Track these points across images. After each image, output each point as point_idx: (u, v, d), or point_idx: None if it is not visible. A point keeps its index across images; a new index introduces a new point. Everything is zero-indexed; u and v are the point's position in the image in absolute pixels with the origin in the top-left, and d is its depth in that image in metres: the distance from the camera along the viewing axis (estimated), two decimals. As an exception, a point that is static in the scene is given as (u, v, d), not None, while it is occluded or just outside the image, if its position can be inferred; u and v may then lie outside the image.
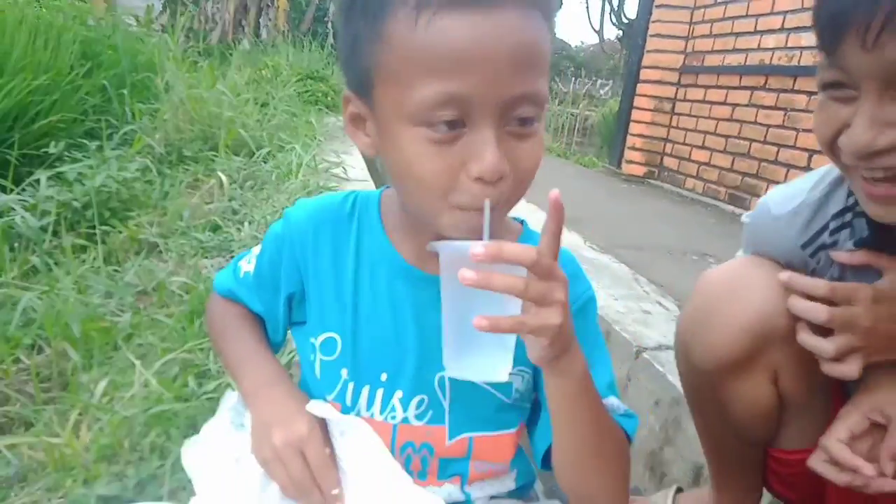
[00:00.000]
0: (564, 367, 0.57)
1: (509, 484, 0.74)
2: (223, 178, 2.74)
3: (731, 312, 0.84)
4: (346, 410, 0.68)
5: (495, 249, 0.48)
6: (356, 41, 0.58)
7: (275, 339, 0.78)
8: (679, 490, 1.16)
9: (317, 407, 0.66)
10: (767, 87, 4.13)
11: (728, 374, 0.87)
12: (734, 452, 0.98)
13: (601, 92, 12.45)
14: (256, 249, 0.78)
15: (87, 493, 1.01)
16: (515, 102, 0.54)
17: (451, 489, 0.69)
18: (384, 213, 0.70)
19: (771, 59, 4.16)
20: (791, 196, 0.87)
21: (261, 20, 9.51)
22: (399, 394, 0.67)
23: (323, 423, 0.67)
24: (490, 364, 0.56)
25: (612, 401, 0.69)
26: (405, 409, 0.67)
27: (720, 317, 0.85)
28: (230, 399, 0.74)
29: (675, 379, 1.47)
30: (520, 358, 0.66)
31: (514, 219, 0.74)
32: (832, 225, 0.81)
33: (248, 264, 0.77)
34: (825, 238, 0.83)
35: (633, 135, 5.29)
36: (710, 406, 0.95)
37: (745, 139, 4.30)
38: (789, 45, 4.02)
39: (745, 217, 0.99)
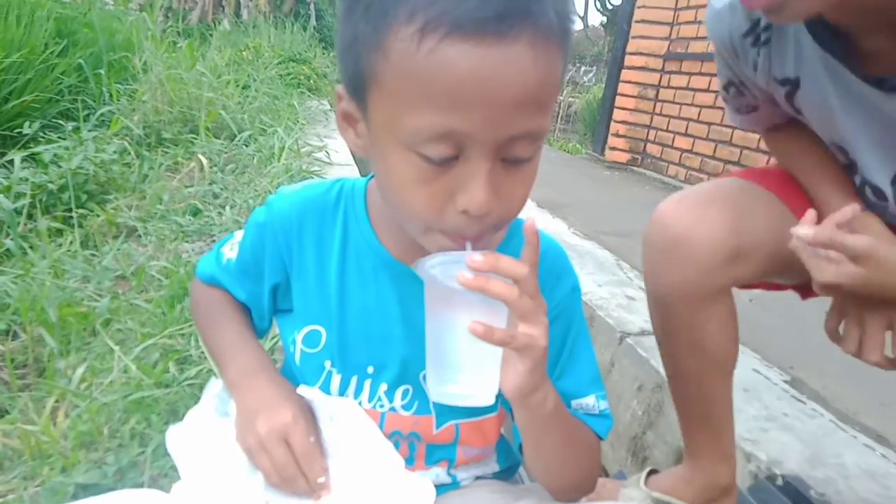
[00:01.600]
0: (536, 403, 0.57)
1: (493, 466, 0.75)
2: (203, 161, 2.69)
3: (690, 253, 0.89)
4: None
5: (493, 260, 0.50)
6: (355, 40, 0.53)
7: (260, 325, 0.77)
8: (652, 472, 1.17)
9: (307, 391, 0.65)
10: (750, 74, 4.15)
11: (697, 303, 0.92)
12: (706, 397, 1.00)
13: (585, 78, 12.46)
14: (238, 235, 0.75)
15: (64, 481, 0.99)
16: (514, 140, 0.51)
17: (439, 472, 0.70)
18: (370, 205, 0.68)
19: (754, 46, 4.18)
20: None
21: (241, 0, 9.34)
22: (384, 386, 0.67)
23: (309, 410, 0.66)
24: (475, 387, 0.55)
25: (588, 401, 0.69)
26: (391, 400, 0.67)
27: (682, 257, 0.90)
28: (214, 386, 0.72)
29: (657, 364, 1.49)
30: None
31: None
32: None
33: (230, 251, 0.75)
34: (760, 27, 0.85)
35: (617, 122, 5.30)
36: (680, 336, 0.98)
37: (727, 126, 4.32)
38: (772, 32, 4.04)
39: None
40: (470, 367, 0.54)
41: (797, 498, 1.06)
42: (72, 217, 2.03)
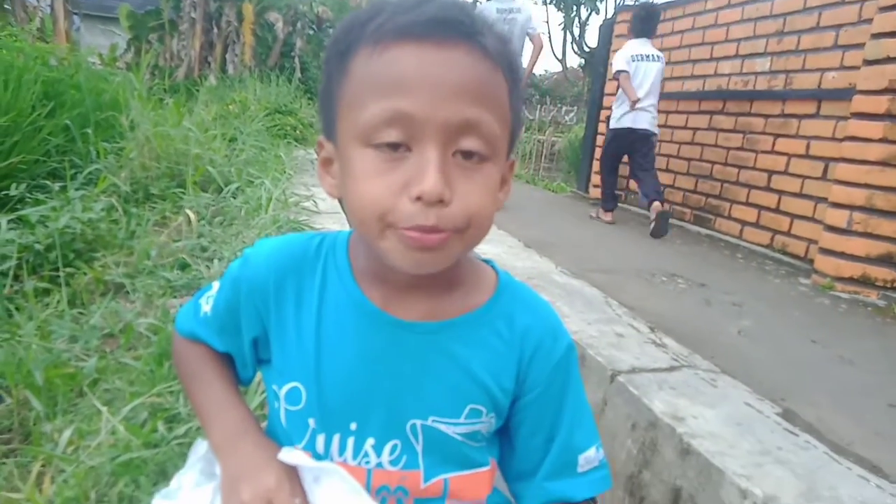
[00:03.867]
0: None
1: None
2: (191, 215, 2.71)
3: None
4: (317, 458, 0.66)
5: None
6: (328, 83, 0.61)
7: (244, 374, 0.75)
8: None
9: (289, 455, 0.64)
10: (725, 111, 4.27)
11: None
12: None
13: (566, 118, 12.70)
14: (215, 287, 0.74)
15: (51, 550, 0.97)
16: (459, 129, 0.55)
17: None
18: (353, 257, 0.68)
19: (728, 83, 4.31)
20: None
21: (227, 56, 9.52)
22: (371, 441, 0.65)
23: (294, 474, 0.65)
24: None
25: (591, 453, 0.70)
26: (378, 455, 0.65)
27: None
28: (200, 448, 0.71)
29: (650, 401, 1.49)
30: (486, 405, 0.66)
31: (484, 260, 0.73)
32: None
33: (206, 305, 0.74)
34: None
35: (599, 160, 5.40)
36: None
37: (707, 161, 4.42)
38: (744, 70, 4.17)
39: None
40: None
41: (795, 533, 1.05)
42: (59, 276, 2.03)
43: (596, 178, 5.43)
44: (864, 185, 2.87)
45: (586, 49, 11.18)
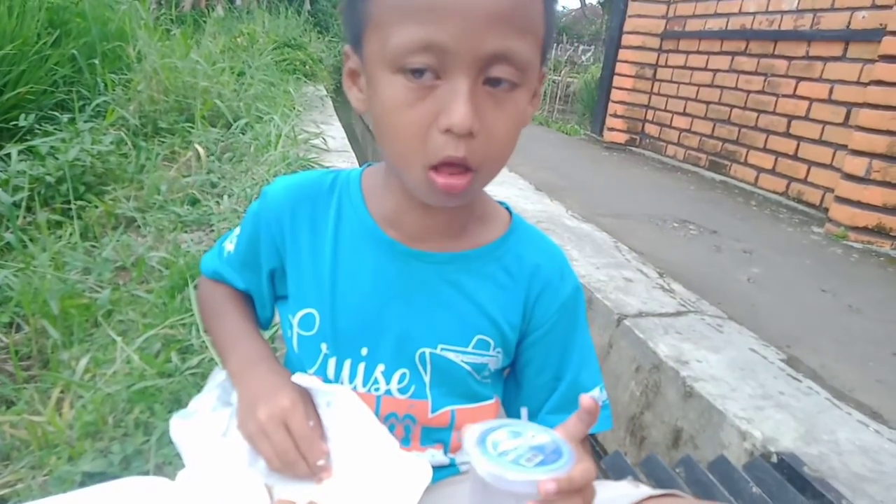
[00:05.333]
0: None
1: None
2: (200, 150, 2.69)
3: None
4: (329, 383, 0.69)
5: (566, 485, 0.47)
6: None
7: (263, 314, 0.79)
8: None
9: (301, 378, 0.66)
10: (748, 52, 4.13)
11: None
12: None
13: (583, 58, 12.34)
14: (238, 229, 0.78)
15: (71, 470, 1.01)
16: (491, 59, 0.53)
17: (434, 453, 0.70)
18: (366, 190, 0.70)
19: (752, 23, 4.15)
20: None
21: (235, -14, 9.22)
22: (381, 367, 0.68)
23: (308, 397, 0.67)
24: None
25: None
26: (388, 382, 0.68)
27: None
28: (218, 376, 0.74)
29: (655, 345, 1.50)
30: (494, 338, 0.68)
31: (499, 202, 0.74)
32: None
33: (230, 244, 0.77)
34: None
35: (615, 102, 5.28)
36: None
37: (725, 105, 4.31)
38: (770, 9, 4.00)
39: None
40: None
41: (791, 475, 1.07)
42: (70, 209, 2.04)
43: (611, 122, 5.32)
44: (887, 132, 2.80)
45: (606, -16, 10.75)
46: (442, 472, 0.69)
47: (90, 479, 1.00)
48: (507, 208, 0.74)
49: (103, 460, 1.04)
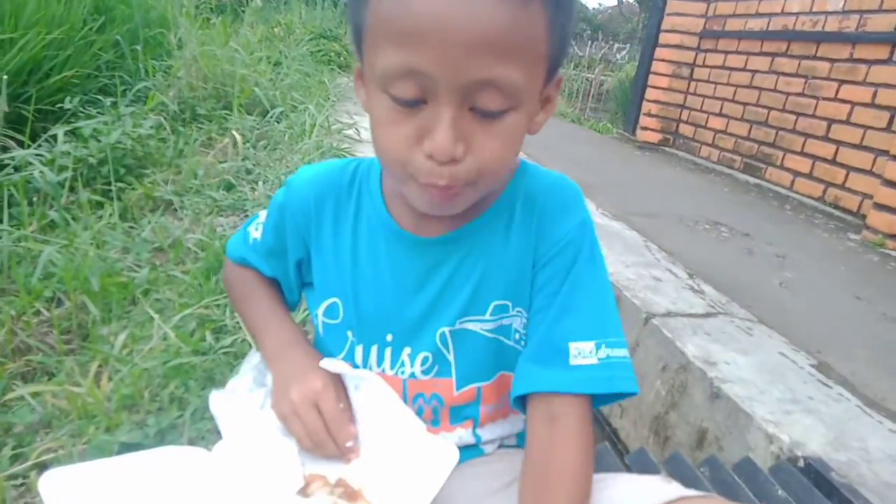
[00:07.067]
0: None
1: (518, 424, 0.75)
2: (237, 137, 2.74)
3: None
4: (356, 368, 0.71)
5: None
6: (356, 3, 0.58)
7: (290, 298, 0.81)
8: None
9: (330, 363, 0.69)
10: (789, 53, 4.04)
11: None
12: None
13: (618, 56, 12.20)
14: (262, 215, 0.79)
15: (109, 440, 1.05)
16: (476, 86, 0.51)
17: (463, 433, 0.71)
18: (384, 181, 0.71)
19: (794, 24, 4.06)
20: None
21: (273, -24, 9.31)
22: (408, 350, 0.69)
23: (339, 380, 0.69)
24: None
25: (585, 346, 0.63)
26: (412, 365, 0.69)
27: None
28: (253, 358, 0.77)
29: (682, 345, 1.49)
30: (511, 298, 0.67)
31: None
32: None
33: (255, 231, 0.79)
34: None
35: (649, 101, 5.21)
36: None
37: (763, 107, 4.22)
38: (814, 9, 3.91)
39: None
40: None
41: (818, 479, 1.06)
42: (111, 190, 2.10)
43: (645, 121, 5.26)
44: (932, 140, 2.72)
45: (645, -18, 10.60)
46: (467, 452, 0.71)
47: (126, 448, 1.03)
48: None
49: (139, 432, 1.07)
